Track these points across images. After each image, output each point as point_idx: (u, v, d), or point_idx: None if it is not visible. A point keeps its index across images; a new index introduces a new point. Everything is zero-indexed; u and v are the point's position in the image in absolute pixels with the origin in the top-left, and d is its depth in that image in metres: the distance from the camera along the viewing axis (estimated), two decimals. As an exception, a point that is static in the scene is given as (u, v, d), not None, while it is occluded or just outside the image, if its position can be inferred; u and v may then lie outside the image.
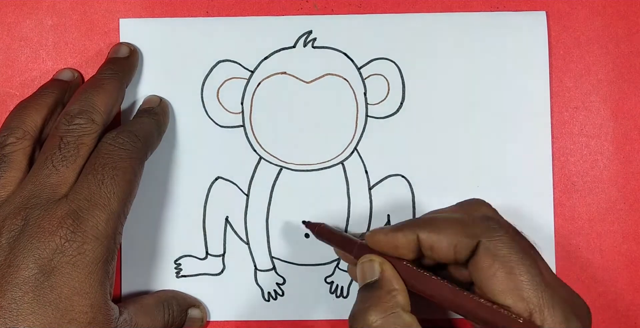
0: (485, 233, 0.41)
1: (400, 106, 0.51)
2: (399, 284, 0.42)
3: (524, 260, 0.40)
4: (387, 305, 0.40)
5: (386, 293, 0.41)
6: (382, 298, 0.41)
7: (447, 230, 0.42)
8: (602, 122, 0.51)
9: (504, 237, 0.41)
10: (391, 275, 0.42)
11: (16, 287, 0.39)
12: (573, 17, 0.51)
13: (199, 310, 0.50)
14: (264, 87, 0.51)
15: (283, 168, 0.51)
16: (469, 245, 0.41)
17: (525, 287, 0.39)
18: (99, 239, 0.41)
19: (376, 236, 0.43)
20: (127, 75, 0.50)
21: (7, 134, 0.46)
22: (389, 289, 0.41)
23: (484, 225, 0.42)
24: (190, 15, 0.52)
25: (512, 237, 0.41)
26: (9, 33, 0.52)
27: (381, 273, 0.42)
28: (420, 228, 0.42)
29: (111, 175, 0.43)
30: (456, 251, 0.41)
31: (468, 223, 0.42)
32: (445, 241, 0.42)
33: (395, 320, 0.40)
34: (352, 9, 0.52)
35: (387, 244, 0.43)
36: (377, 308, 0.40)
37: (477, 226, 0.42)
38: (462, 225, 0.42)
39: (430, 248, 0.42)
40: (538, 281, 0.40)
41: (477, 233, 0.41)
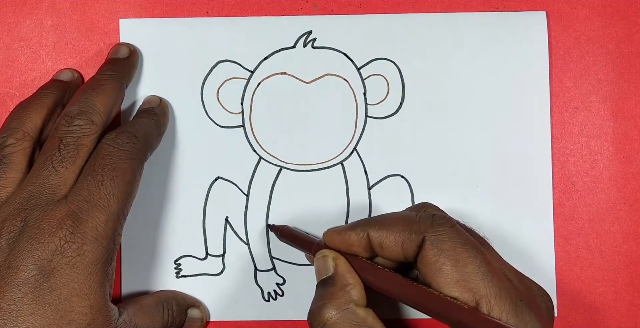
0: (430, 228, 0.42)
1: (400, 106, 0.51)
2: (353, 278, 0.42)
3: (468, 252, 0.40)
4: (340, 301, 0.41)
5: (340, 289, 0.42)
6: (335, 294, 0.42)
7: (394, 227, 0.43)
8: (602, 122, 0.51)
9: (448, 230, 0.41)
10: (345, 270, 0.43)
11: (15, 288, 0.39)
12: (573, 17, 0.51)
13: (199, 310, 0.50)
14: (263, 87, 0.51)
15: (283, 168, 0.51)
16: (415, 240, 0.42)
17: (471, 278, 0.40)
18: (99, 240, 0.41)
19: (330, 235, 0.45)
20: (127, 75, 0.50)
21: (6, 135, 0.46)
22: (342, 284, 0.42)
23: (429, 221, 0.42)
24: (190, 15, 0.52)
25: (457, 231, 0.42)
26: (9, 33, 0.52)
27: (335, 268, 0.43)
28: (370, 226, 0.43)
29: (111, 176, 0.43)
30: (404, 248, 0.42)
31: (414, 220, 0.43)
32: (392, 237, 0.42)
33: (349, 315, 0.40)
34: (352, 9, 0.52)
35: (341, 242, 0.44)
36: (331, 305, 0.41)
37: (422, 222, 0.42)
38: (408, 222, 0.43)
39: (380, 246, 0.43)
40: (484, 271, 0.40)
41: (422, 229, 0.42)
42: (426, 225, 0.42)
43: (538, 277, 0.50)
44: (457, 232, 0.42)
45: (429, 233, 0.41)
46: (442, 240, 0.41)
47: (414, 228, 0.42)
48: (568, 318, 0.51)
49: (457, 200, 0.51)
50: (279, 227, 0.50)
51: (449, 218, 0.43)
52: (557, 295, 0.51)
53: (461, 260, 0.40)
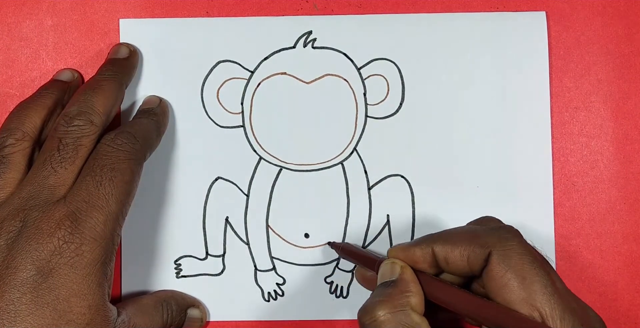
0: (497, 243, 0.41)
1: (400, 106, 0.51)
2: (415, 288, 0.42)
3: (536, 270, 0.40)
4: (397, 303, 0.40)
5: (399, 292, 0.41)
6: (394, 296, 0.41)
7: (459, 241, 0.42)
8: (602, 122, 0.51)
9: (515, 246, 0.41)
10: (409, 278, 0.42)
11: (14, 289, 0.39)
12: (573, 17, 0.51)
13: (199, 310, 0.50)
14: (264, 88, 0.51)
15: (283, 168, 0.51)
16: (481, 255, 0.41)
17: (538, 297, 0.39)
18: (97, 241, 0.41)
19: (395, 251, 0.44)
20: (127, 76, 0.50)
21: (6, 135, 0.46)
22: (403, 289, 0.41)
23: (496, 234, 0.41)
24: (190, 15, 0.52)
25: (524, 246, 0.41)
26: (9, 33, 0.52)
27: (400, 274, 0.42)
28: (434, 241, 0.43)
29: (109, 177, 0.43)
30: (469, 262, 0.41)
31: (480, 234, 0.42)
32: (457, 251, 0.42)
33: (403, 317, 0.40)
34: (352, 9, 0.52)
35: (406, 259, 0.43)
36: (387, 304, 0.40)
37: (488, 236, 0.41)
38: (474, 236, 0.42)
39: (445, 261, 0.42)
40: (550, 291, 0.39)
41: (489, 243, 0.41)
42: (493, 239, 0.41)
43: (538, 277, 0.50)
44: (524, 248, 0.41)
45: (496, 248, 0.41)
46: (509, 255, 0.40)
47: (480, 242, 0.41)
48: (568, 319, 0.51)
49: (458, 200, 0.51)
50: (339, 245, 0.50)
51: (516, 231, 0.42)
52: (557, 295, 0.51)
53: (528, 277, 0.40)
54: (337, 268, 0.51)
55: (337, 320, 0.51)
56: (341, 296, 0.51)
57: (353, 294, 0.51)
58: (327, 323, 0.51)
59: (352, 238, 0.51)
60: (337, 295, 0.51)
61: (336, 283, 0.51)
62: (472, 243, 0.41)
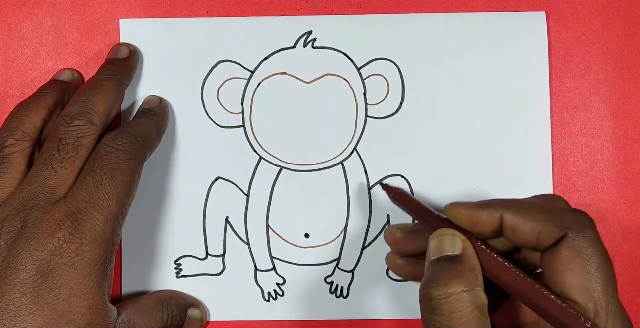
0: (574, 226, 0.40)
1: (400, 106, 0.51)
2: (478, 264, 0.41)
3: (604, 264, 0.39)
4: (469, 281, 0.39)
5: (469, 270, 0.40)
6: (465, 273, 0.40)
7: (534, 215, 0.41)
8: (602, 122, 0.51)
9: (591, 235, 0.40)
10: (473, 254, 0.41)
11: (14, 289, 0.39)
12: (573, 17, 0.51)
13: (199, 310, 0.50)
14: (264, 88, 0.51)
15: (283, 168, 0.51)
16: (555, 235, 0.40)
17: (599, 289, 0.39)
18: (97, 241, 0.41)
19: (457, 209, 0.43)
20: (127, 76, 0.50)
21: (6, 136, 0.46)
22: (471, 266, 0.40)
23: (575, 217, 0.40)
24: (190, 15, 0.52)
25: (598, 238, 0.40)
26: (9, 33, 0.52)
27: (464, 250, 0.41)
28: (506, 208, 0.41)
29: (110, 177, 0.43)
30: (539, 238, 0.40)
31: (557, 212, 0.41)
32: (530, 226, 0.41)
33: (474, 296, 0.39)
34: (352, 9, 0.52)
35: (467, 219, 0.42)
36: (459, 281, 0.39)
37: (566, 217, 0.40)
38: (551, 213, 0.41)
39: (513, 231, 0.41)
40: (612, 287, 0.39)
41: (566, 224, 0.40)
42: (571, 222, 0.40)
43: (538, 277, 0.50)
44: (598, 239, 0.40)
45: (571, 232, 0.40)
46: (583, 244, 0.39)
47: (556, 222, 0.40)
48: (568, 319, 0.51)
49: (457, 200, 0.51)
50: (393, 188, 0.48)
51: (591, 219, 0.41)
52: (557, 295, 0.51)
53: (595, 269, 0.39)
54: (337, 268, 0.51)
55: (337, 320, 0.51)
56: (341, 296, 0.51)
57: (353, 294, 0.51)
58: (327, 323, 0.51)
59: (352, 238, 0.51)
60: (337, 295, 0.51)
61: (336, 283, 0.51)
62: (547, 221, 0.40)
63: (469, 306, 0.38)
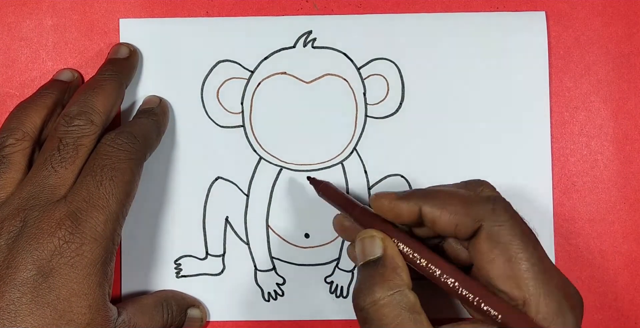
0: (489, 216, 0.40)
1: (400, 106, 0.51)
2: (401, 261, 0.41)
3: (525, 248, 0.40)
4: (392, 283, 0.40)
5: (391, 271, 0.41)
6: (387, 275, 0.40)
7: (451, 206, 0.41)
8: (602, 122, 0.51)
9: (507, 222, 0.40)
10: (394, 252, 0.41)
11: (14, 288, 0.39)
12: (573, 17, 0.51)
13: (199, 310, 0.50)
14: (263, 87, 0.51)
15: (283, 168, 0.51)
16: (471, 226, 0.41)
17: (524, 275, 0.39)
18: (98, 240, 0.41)
19: (380, 201, 0.43)
20: (127, 75, 0.50)
21: (6, 135, 0.46)
22: (393, 266, 0.41)
23: (489, 207, 0.41)
24: (190, 15, 0.52)
25: (515, 223, 0.40)
26: (9, 33, 0.52)
27: (384, 250, 0.42)
28: (424, 200, 0.42)
29: (110, 177, 0.43)
30: (457, 229, 0.41)
31: (472, 202, 0.41)
32: (446, 217, 0.41)
33: (401, 298, 0.39)
34: (352, 9, 0.52)
35: (390, 211, 0.43)
36: (383, 286, 0.40)
37: (481, 208, 0.41)
38: (467, 204, 0.41)
39: (432, 222, 0.42)
40: (536, 270, 0.39)
41: (480, 215, 0.41)
42: (486, 211, 0.41)
43: (538, 277, 0.50)
44: (516, 225, 0.40)
45: (487, 222, 0.40)
46: (499, 232, 0.40)
47: (471, 213, 0.41)
48: (568, 319, 0.51)
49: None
50: (319, 182, 0.48)
51: (508, 206, 0.41)
52: (557, 295, 0.51)
53: (515, 255, 0.39)
54: (337, 268, 0.51)
55: (337, 320, 0.51)
56: (341, 296, 0.51)
57: (353, 294, 0.51)
58: (327, 323, 0.51)
59: (352, 238, 0.51)
60: (337, 295, 0.51)
61: (336, 283, 0.51)
62: (462, 212, 0.41)
63: (397, 309, 0.39)
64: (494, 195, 0.43)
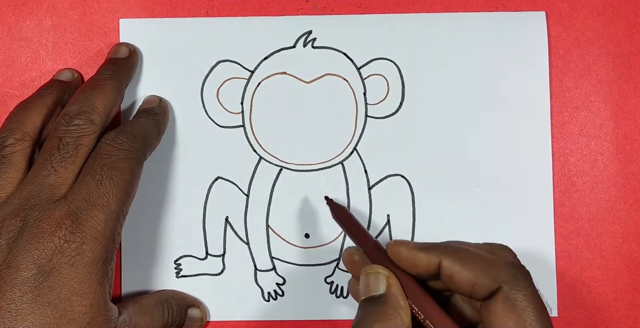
0: (509, 281, 0.40)
1: (400, 106, 0.51)
2: (404, 302, 0.41)
3: (538, 317, 0.39)
4: (393, 322, 0.39)
5: (392, 310, 0.40)
6: (388, 314, 0.40)
7: (472, 265, 0.40)
8: (602, 122, 0.51)
9: (527, 289, 0.40)
10: (397, 292, 0.41)
11: (15, 288, 0.39)
12: (573, 17, 0.51)
13: (199, 309, 0.50)
14: (263, 87, 0.51)
15: (283, 168, 0.51)
16: (490, 287, 0.40)
17: None
18: (98, 240, 0.41)
19: (398, 248, 0.42)
20: (127, 75, 0.50)
21: (6, 135, 0.46)
22: (395, 306, 0.40)
23: (510, 271, 0.40)
24: (190, 15, 0.52)
25: (534, 291, 0.40)
26: (9, 33, 0.52)
27: (387, 287, 0.41)
28: (445, 254, 0.41)
29: (110, 176, 0.43)
30: (474, 289, 0.40)
31: (494, 265, 0.41)
32: (465, 275, 0.40)
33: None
34: (352, 9, 0.52)
35: (406, 260, 0.42)
36: (382, 324, 0.39)
37: (502, 271, 0.40)
38: (488, 265, 0.40)
39: (450, 277, 0.41)
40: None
41: (501, 278, 0.40)
42: (506, 275, 0.40)
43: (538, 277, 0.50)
44: (534, 293, 0.40)
45: (506, 285, 0.40)
46: (517, 298, 0.39)
47: (492, 274, 0.40)
48: (568, 318, 0.51)
49: (457, 200, 0.51)
50: (336, 206, 0.47)
51: (529, 275, 0.41)
52: (557, 295, 0.51)
53: (528, 323, 0.39)
54: (337, 268, 0.51)
55: (337, 320, 0.51)
56: (341, 296, 0.51)
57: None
58: (327, 323, 0.51)
59: (352, 238, 0.51)
60: (337, 295, 0.51)
61: (336, 283, 0.51)
62: (483, 272, 0.40)
63: None
64: (516, 261, 0.42)
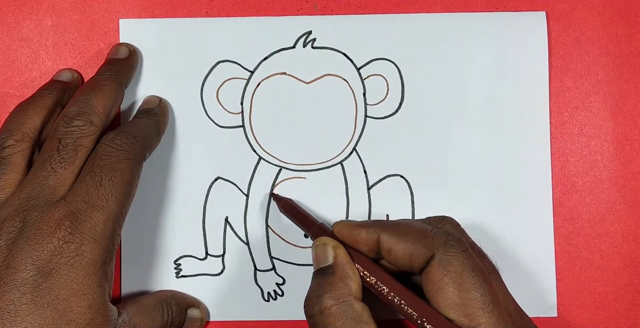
0: (441, 247, 0.42)
1: (400, 106, 0.51)
2: (352, 271, 0.43)
3: (474, 278, 0.41)
4: (339, 292, 0.41)
5: (339, 280, 0.42)
6: (335, 284, 0.42)
7: (407, 236, 0.43)
8: (602, 122, 0.51)
9: (459, 253, 0.41)
10: (344, 261, 0.43)
11: (14, 289, 0.39)
12: (573, 17, 0.51)
13: (199, 310, 0.50)
14: (263, 88, 0.51)
15: (283, 168, 0.51)
16: (424, 255, 0.42)
17: (472, 304, 0.40)
18: (97, 241, 0.41)
19: (341, 226, 0.45)
20: (127, 76, 0.50)
21: (6, 136, 0.46)
22: (341, 275, 0.42)
23: (442, 239, 0.42)
24: (190, 15, 0.52)
25: (467, 255, 0.42)
26: (9, 33, 0.52)
27: (334, 258, 0.43)
28: (383, 229, 0.43)
29: (109, 177, 0.43)
30: (411, 259, 0.42)
31: (428, 234, 0.43)
32: (401, 246, 0.42)
33: (346, 308, 0.41)
34: (351, 9, 0.52)
35: (349, 236, 0.44)
36: (330, 294, 0.41)
37: (435, 239, 0.42)
38: (422, 235, 0.42)
39: (388, 251, 0.43)
40: (486, 300, 0.40)
41: (433, 245, 0.42)
42: (439, 242, 0.42)
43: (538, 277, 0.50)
44: (467, 257, 0.41)
45: (439, 252, 0.41)
46: (450, 261, 0.41)
47: (425, 243, 0.42)
48: (568, 318, 0.51)
49: (457, 200, 0.51)
50: (282, 198, 0.50)
51: (463, 241, 0.43)
52: (557, 295, 0.51)
53: (465, 285, 0.40)
54: (337, 268, 0.51)
55: (337, 320, 0.51)
56: (341, 296, 0.51)
57: (353, 294, 0.51)
58: (327, 323, 0.51)
59: (352, 238, 0.51)
60: (337, 295, 0.51)
61: (336, 283, 0.51)
62: (417, 242, 0.42)
63: (341, 319, 0.40)
64: (450, 230, 0.44)
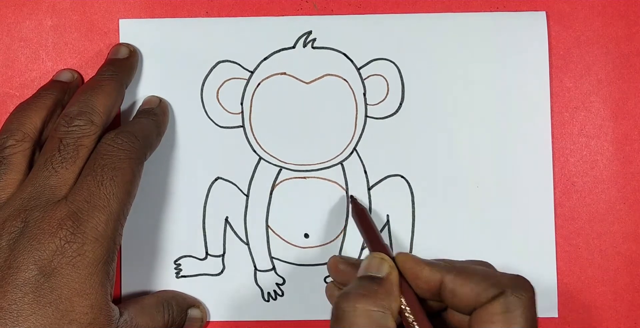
0: (512, 287, 0.39)
1: (400, 106, 0.51)
2: (397, 293, 0.41)
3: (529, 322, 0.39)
4: (382, 303, 0.39)
5: (385, 294, 0.40)
6: (380, 294, 0.40)
7: (475, 277, 0.40)
8: (602, 122, 0.51)
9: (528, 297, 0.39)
10: (396, 282, 0.41)
11: (16, 289, 0.39)
12: (573, 17, 0.51)
13: (199, 310, 0.50)
14: (263, 88, 0.51)
15: (283, 168, 0.51)
16: (492, 293, 0.39)
17: None
18: (99, 240, 0.41)
19: (405, 257, 0.42)
20: (127, 76, 0.50)
21: (6, 137, 0.46)
22: (388, 291, 0.40)
23: (513, 279, 0.40)
24: (190, 15, 0.52)
25: (534, 303, 0.40)
26: (9, 33, 0.52)
27: (387, 274, 0.41)
28: (448, 271, 0.41)
29: (110, 176, 0.43)
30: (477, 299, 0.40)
31: (495, 275, 0.41)
32: (469, 287, 0.40)
33: (381, 319, 0.39)
34: (352, 9, 0.52)
35: (410, 270, 0.42)
36: (371, 299, 0.39)
37: (505, 279, 0.40)
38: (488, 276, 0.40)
39: (452, 293, 0.40)
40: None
41: (504, 284, 0.39)
42: (509, 282, 0.40)
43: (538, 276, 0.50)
44: (534, 305, 0.39)
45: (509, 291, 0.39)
46: (515, 302, 0.39)
47: (494, 282, 0.40)
48: (568, 318, 0.51)
49: (457, 200, 0.51)
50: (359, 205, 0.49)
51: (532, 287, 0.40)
52: (558, 295, 0.51)
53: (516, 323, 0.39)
54: (337, 268, 0.51)
55: (337, 320, 0.51)
56: (341, 296, 0.51)
57: (353, 294, 0.51)
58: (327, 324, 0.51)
59: (352, 239, 0.51)
60: (337, 295, 0.51)
61: (336, 283, 0.51)
62: (487, 281, 0.40)
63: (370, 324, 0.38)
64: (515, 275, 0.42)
